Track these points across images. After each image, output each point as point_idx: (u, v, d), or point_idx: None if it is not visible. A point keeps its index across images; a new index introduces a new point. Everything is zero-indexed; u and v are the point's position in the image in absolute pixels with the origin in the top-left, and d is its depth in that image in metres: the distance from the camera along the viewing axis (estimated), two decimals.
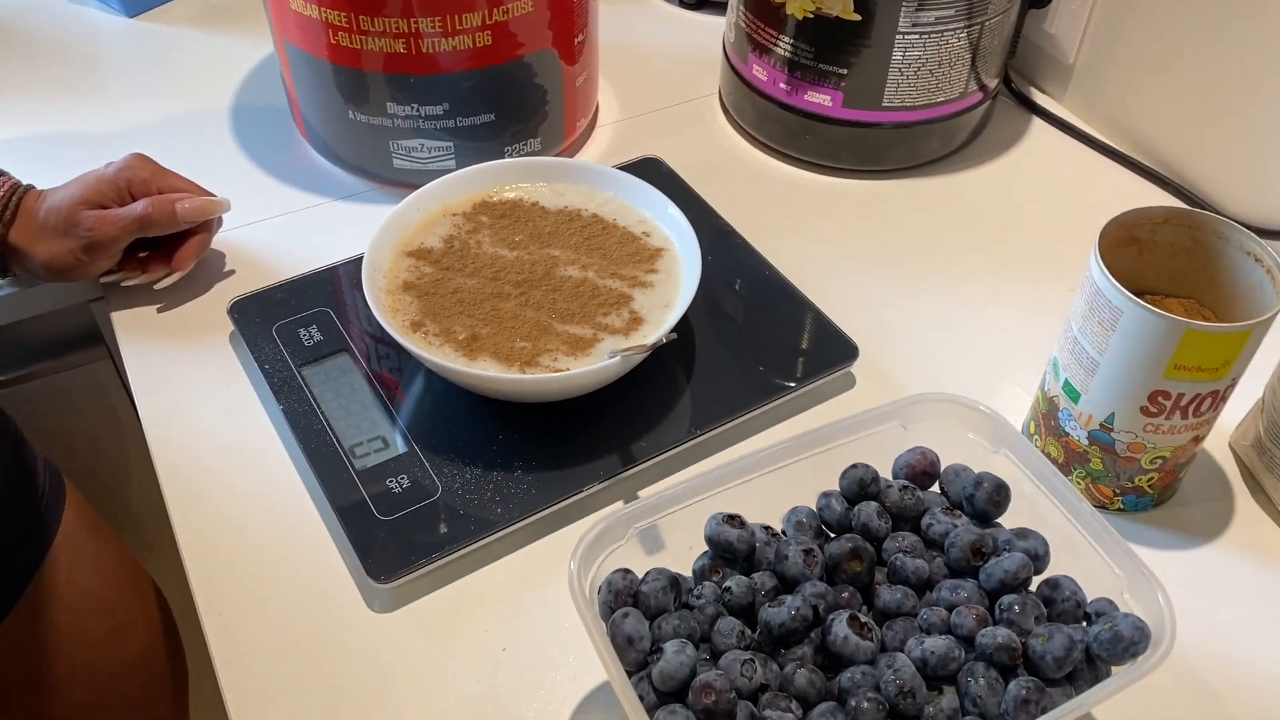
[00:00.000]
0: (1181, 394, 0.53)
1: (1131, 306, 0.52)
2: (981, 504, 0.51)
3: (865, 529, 0.51)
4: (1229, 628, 0.55)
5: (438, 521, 0.56)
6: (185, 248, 0.70)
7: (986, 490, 0.51)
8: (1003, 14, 0.76)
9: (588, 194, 0.69)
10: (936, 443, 0.55)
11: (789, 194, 0.81)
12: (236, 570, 0.57)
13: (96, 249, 0.65)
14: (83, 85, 0.89)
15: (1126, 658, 0.46)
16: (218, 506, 0.59)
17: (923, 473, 0.54)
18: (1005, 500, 0.52)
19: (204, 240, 0.71)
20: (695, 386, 0.64)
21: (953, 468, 0.54)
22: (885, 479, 0.54)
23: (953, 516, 0.51)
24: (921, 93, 0.77)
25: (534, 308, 0.62)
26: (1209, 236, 0.56)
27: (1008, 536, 0.51)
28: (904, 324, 0.71)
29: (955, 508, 0.52)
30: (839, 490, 0.53)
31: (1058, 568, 0.51)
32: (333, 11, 0.69)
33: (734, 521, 0.49)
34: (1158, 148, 0.82)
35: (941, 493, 0.54)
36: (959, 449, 0.55)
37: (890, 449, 0.55)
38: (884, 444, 0.55)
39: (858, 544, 0.49)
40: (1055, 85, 0.89)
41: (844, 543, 0.49)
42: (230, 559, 0.57)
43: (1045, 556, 0.50)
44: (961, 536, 0.50)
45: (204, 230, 0.71)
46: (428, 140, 0.75)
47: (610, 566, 0.48)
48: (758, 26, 0.78)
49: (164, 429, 0.63)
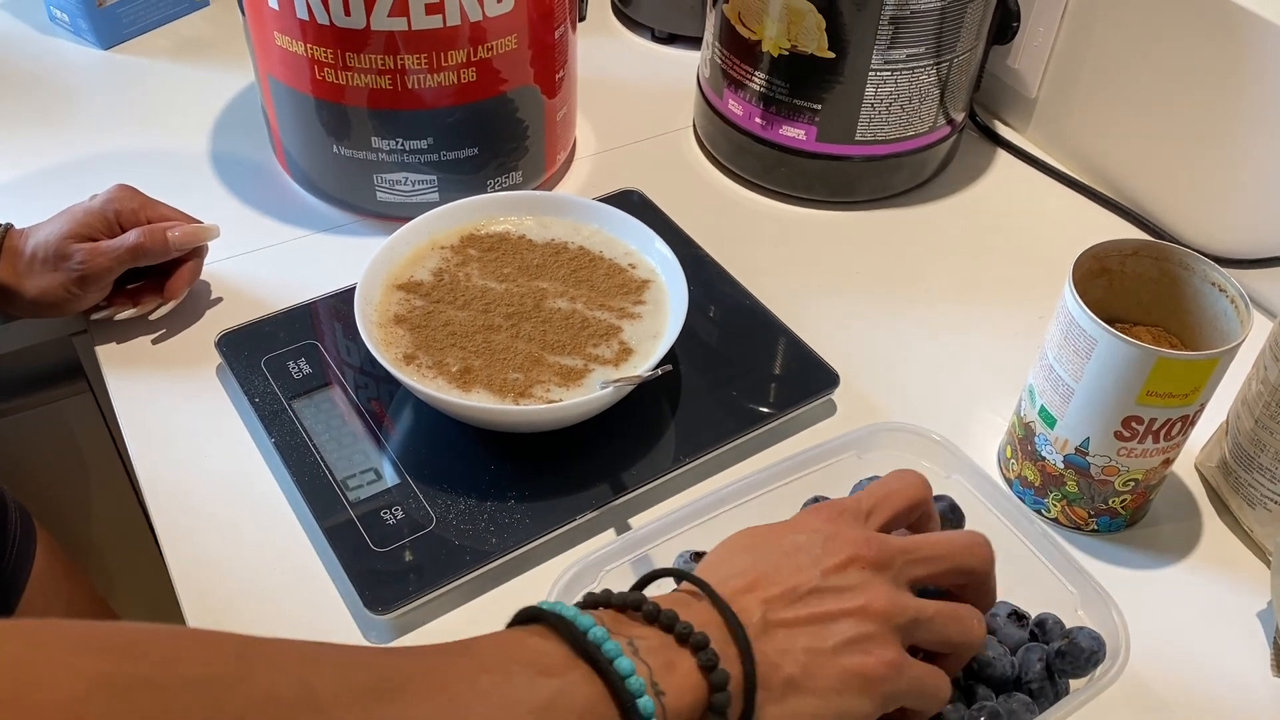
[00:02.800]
0: (1154, 419, 0.55)
1: (1106, 336, 0.54)
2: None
3: None
4: (1199, 644, 0.57)
5: (433, 552, 0.57)
6: (177, 276, 0.70)
7: (941, 509, 0.54)
8: (969, 50, 0.79)
9: (574, 227, 0.70)
10: (892, 469, 0.57)
11: (764, 224, 0.83)
12: (234, 603, 0.57)
13: (89, 281, 0.65)
14: (57, 117, 0.89)
15: (1088, 669, 0.48)
16: (210, 539, 0.60)
17: None
18: (960, 520, 0.54)
19: (195, 267, 0.71)
20: (680, 416, 0.65)
21: None
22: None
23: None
24: (892, 127, 0.79)
25: (525, 339, 0.63)
26: (1175, 268, 0.58)
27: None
28: (881, 351, 0.72)
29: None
30: None
31: (1009, 588, 0.53)
32: (319, 48, 0.69)
33: (700, 558, 0.50)
34: (1118, 178, 0.85)
35: None
36: None
37: (850, 478, 0.57)
38: (843, 474, 0.57)
39: None
40: (1019, 119, 0.92)
41: None
42: (225, 591, 0.57)
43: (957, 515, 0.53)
44: None
45: (195, 257, 0.71)
46: (411, 174, 0.76)
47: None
48: (734, 63, 0.81)
49: (154, 463, 0.63)
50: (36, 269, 0.65)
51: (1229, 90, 0.74)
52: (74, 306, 0.67)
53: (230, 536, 0.60)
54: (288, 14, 0.69)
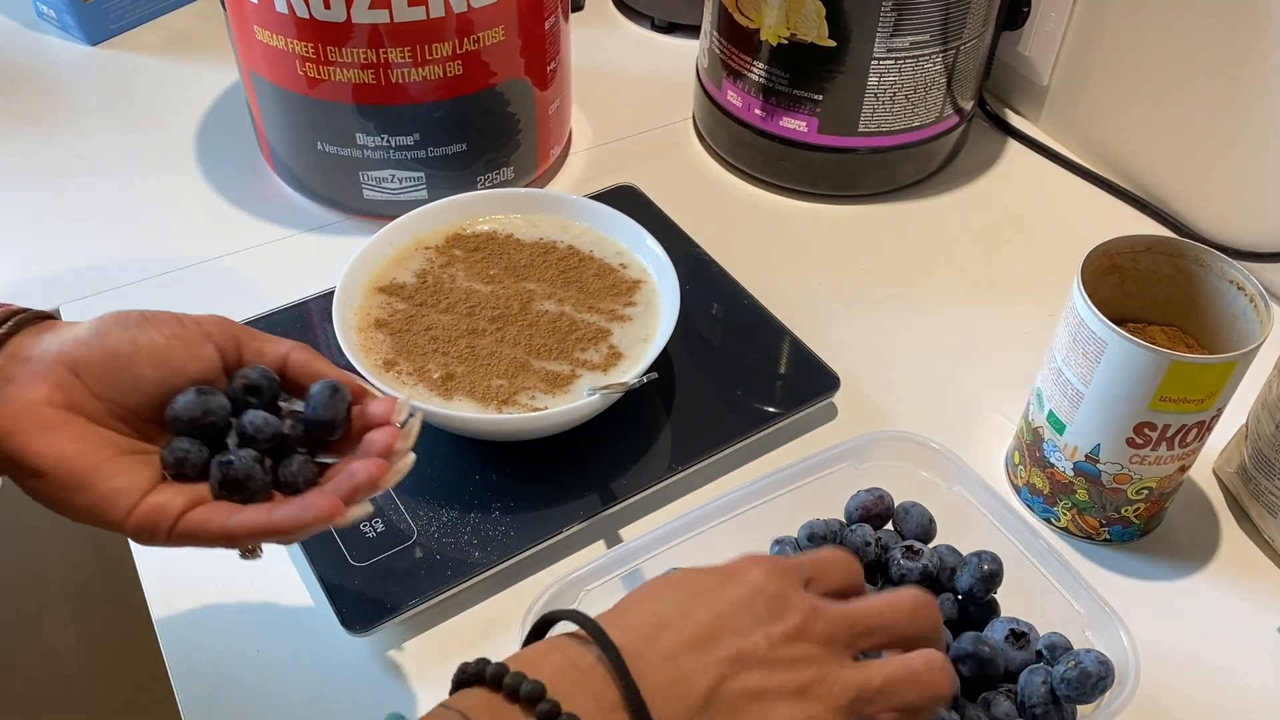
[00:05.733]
0: (1168, 425, 0.53)
1: (1116, 338, 0.51)
2: (975, 591, 0.50)
3: None
4: (1216, 659, 0.55)
5: (414, 566, 0.55)
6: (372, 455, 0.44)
7: (977, 575, 0.50)
8: (977, 37, 0.76)
9: (563, 225, 0.68)
10: (891, 480, 0.55)
11: (765, 220, 0.80)
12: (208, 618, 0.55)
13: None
14: (43, 114, 0.87)
15: (1095, 695, 0.45)
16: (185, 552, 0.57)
17: (877, 515, 0.54)
18: (994, 582, 0.51)
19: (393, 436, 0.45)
20: (675, 421, 0.63)
21: (903, 505, 0.54)
22: (837, 520, 0.54)
23: (913, 559, 0.51)
24: (897, 117, 0.76)
25: (510, 344, 0.60)
26: (1191, 265, 0.56)
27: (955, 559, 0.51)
28: (884, 352, 0.70)
29: (911, 545, 0.52)
30: (794, 539, 0.54)
31: (1014, 606, 0.50)
32: (300, 42, 0.67)
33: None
34: (1133, 169, 0.81)
35: (895, 531, 0.55)
36: (912, 486, 0.55)
37: (848, 488, 0.55)
38: (840, 484, 0.55)
39: None
40: (1030, 107, 0.89)
41: None
42: (198, 606, 0.55)
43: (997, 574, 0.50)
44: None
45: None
46: (399, 171, 0.73)
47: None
48: (732, 52, 0.78)
49: None
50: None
51: (1249, 76, 0.71)
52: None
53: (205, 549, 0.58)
54: (268, 8, 0.67)
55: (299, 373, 0.45)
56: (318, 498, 0.41)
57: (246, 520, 0.41)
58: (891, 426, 0.64)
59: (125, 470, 0.41)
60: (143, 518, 0.41)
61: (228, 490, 0.42)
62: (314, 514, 0.41)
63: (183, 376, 0.43)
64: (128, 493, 0.40)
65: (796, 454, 0.63)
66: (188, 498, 0.41)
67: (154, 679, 0.83)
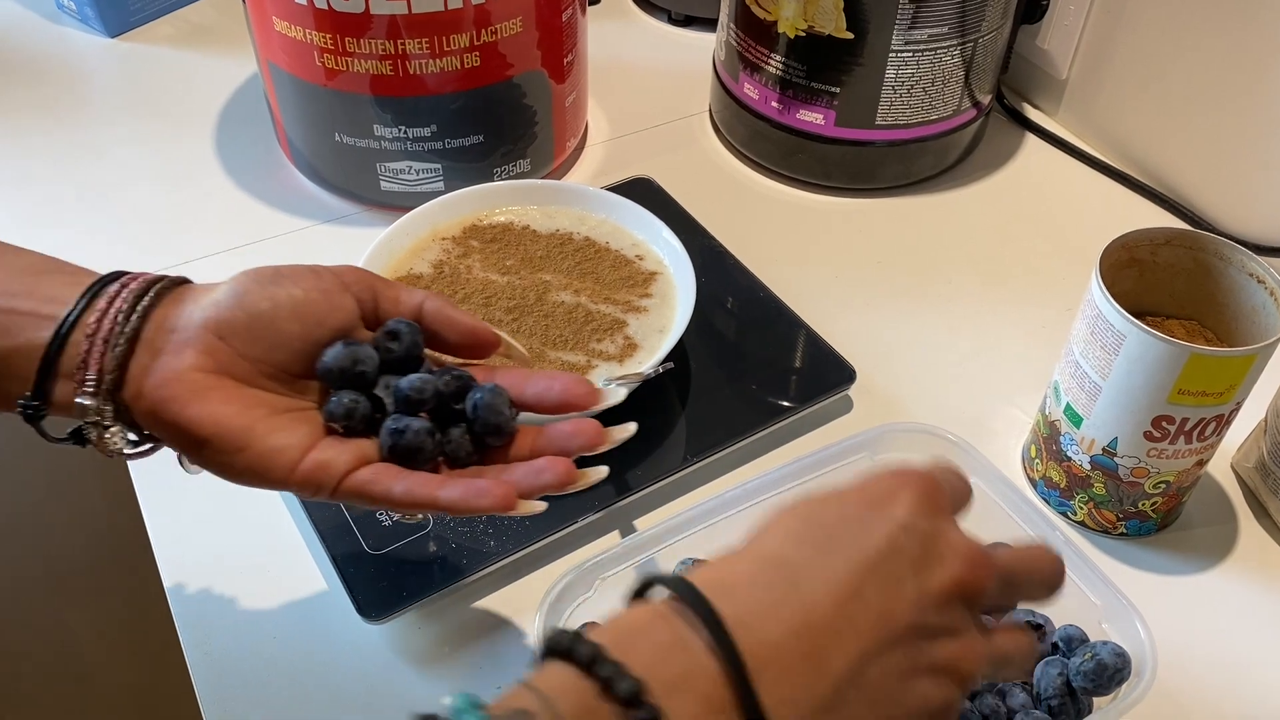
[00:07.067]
0: (1186, 419, 0.52)
1: (1135, 331, 0.51)
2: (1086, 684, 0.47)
3: None
4: (1233, 655, 0.54)
5: (429, 556, 0.55)
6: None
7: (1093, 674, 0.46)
8: (996, 30, 0.75)
9: (580, 217, 0.68)
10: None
11: (781, 213, 0.80)
12: (224, 606, 0.55)
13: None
14: (64, 106, 0.88)
15: (1112, 687, 0.45)
16: (202, 539, 0.58)
17: None
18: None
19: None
20: (690, 412, 0.63)
21: None
22: None
23: None
24: (915, 110, 0.76)
25: (526, 334, 0.60)
26: (1210, 258, 0.55)
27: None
28: (900, 345, 0.70)
29: None
30: None
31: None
32: (318, 33, 0.67)
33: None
34: (1152, 163, 0.81)
35: None
36: None
37: None
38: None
39: None
40: (1049, 101, 0.88)
41: None
42: (215, 592, 0.56)
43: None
44: None
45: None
46: (415, 162, 0.73)
47: (580, 618, 0.48)
48: (749, 45, 0.78)
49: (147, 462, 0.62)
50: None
51: (1270, 69, 0.70)
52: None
53: (222, 537, 0.58)
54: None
55: (435, 320, 0.45)
56: (494, 486, 0.40)
57: (412, 493, 0.40)
58: (907, 419, 0.64)
59: (282, 428, 0.41)
60: (307, 474, 0.40)
61: (396, 457, 0.41)
62: (488, 502, 0.39)
63: (324, 328, 0.42)
64: (287, 450, 0.40)
65: (812, 446, 0.63)
66: (352, 455, 0.41)
67: (170, 667, 0.84)
